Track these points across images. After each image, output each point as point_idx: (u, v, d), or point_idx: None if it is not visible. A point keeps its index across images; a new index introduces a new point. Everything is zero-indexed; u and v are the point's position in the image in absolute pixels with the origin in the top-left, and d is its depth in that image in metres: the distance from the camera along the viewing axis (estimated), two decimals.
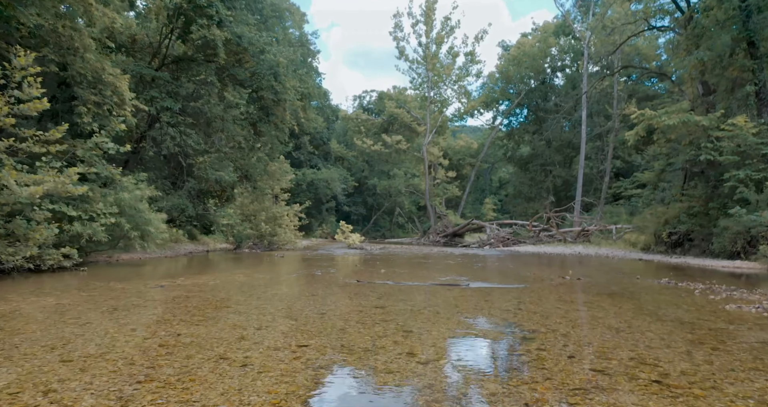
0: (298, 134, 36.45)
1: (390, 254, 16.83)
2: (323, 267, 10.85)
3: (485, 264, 12.76)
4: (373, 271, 9.43)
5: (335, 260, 13.31)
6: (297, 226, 20.94)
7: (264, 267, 10.47)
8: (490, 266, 11.79)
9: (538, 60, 38.75)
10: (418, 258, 14.57)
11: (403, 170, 50.93)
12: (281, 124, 15.88)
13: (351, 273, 8.91)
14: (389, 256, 15.41)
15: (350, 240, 21.67)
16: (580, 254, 18.20)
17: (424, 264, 12.20)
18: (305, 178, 34.48)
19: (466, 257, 15.47)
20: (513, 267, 11.50)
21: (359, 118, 41.78)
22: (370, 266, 11.33)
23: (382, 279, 7.71)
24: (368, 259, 13.81)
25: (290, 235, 19.95)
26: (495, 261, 13.95)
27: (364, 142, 36.77)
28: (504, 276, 8.97)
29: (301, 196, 34.86)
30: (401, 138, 36.09)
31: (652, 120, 13.50)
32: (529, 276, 8.64)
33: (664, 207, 17.10)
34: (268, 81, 13.16)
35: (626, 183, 27.51)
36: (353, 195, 53.08)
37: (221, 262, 12.27)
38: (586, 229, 23.73)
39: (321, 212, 37.94)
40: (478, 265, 11.90)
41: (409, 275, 8.82)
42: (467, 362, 2.97)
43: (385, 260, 13.47)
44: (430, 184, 37.24)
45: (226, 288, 6.51)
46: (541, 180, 39.31)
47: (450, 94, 37.68)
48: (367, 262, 12.69)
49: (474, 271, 10.17)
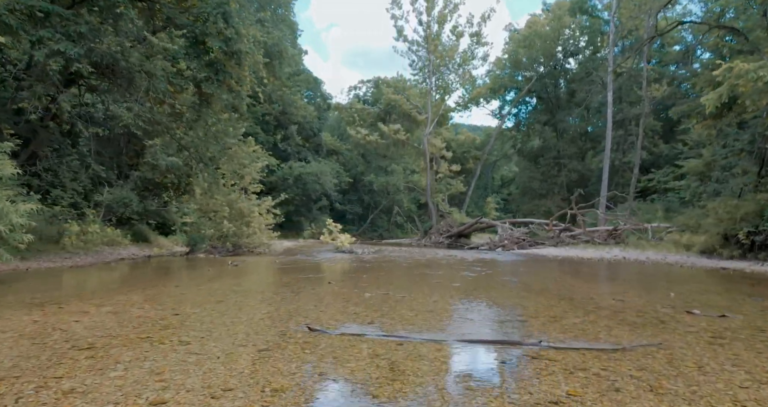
0: (285, 123, 32.84)
1: (385, 260, 13.18)
2: (280, 285, 7.19)
3: (518, 276, 9.10)
4: (352, 295, 5.77)
5: (307, 271, 9.64)
6: (271, 225, 17.26)
7: (190, 286, 6.78)
8: (529, 281, 8.12)
9: (551, 42, 35.12)
10: (420, 265, 10.94)
11: (402, 166, 47.32)
12: (237, 87, 12.18)
13: (312, 302, 5.23)
14: (383, 263, 11.76)
15: (338, 242, 17.98)
16: (626, 259, 14.53)
17: (431, 276, 8.54)
18: (292, 171, 30.80)
19: (482, 263, 11.81)
20: (565, 283, 7.81)
21: (354, 108, 38.08)
22: (352, 281, 7.68)
23: (361, 318, 4.06)
24: (355, 269, 10.15)
25: (261, 236, 16.27)
26: (526, 272, 10.28)
27: (359, 132, 33.05)
28: (576, 305, 5.27)
29: (287, 191, 31.20)
30: (399, 127, 32.37)
31: (745, 77, 9.82)
32: (623, 307, 4.96)
33: (733, 200, 13.46)
34: (215, 23, 9.56)
35: (659, 175, 23.87)
36: (348, 192, 49.36)
37: (143, 275, 8.59)
38: (616, 229, 20.08)
39: (311, 210, 34.25)
40: (512, 281, 8.23)
41: (411, 304, 5.16)
42: None
43: (376, 270, 9.81)
44: (432, 179, 33.58)
45: (72, 335, 2.83)
46: (554, 175, 35.68)
47: (453, 79, 34.00)
48: (352, 274, 9.03)
49: (516, 292, 6.52)
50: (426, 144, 32.20)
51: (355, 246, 20.32)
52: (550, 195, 35.75)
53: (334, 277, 8.35)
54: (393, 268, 10.13)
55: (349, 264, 11.21)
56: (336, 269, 9.98)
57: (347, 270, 9.66)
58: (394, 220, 50.86)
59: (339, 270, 9.72)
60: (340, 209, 48.38)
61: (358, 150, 42.01)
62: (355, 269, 10.01)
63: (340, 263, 11.68)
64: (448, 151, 34.16)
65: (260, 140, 30.80)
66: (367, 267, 10.33)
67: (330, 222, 19.15)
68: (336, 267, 10.40)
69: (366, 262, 12.03)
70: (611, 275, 9.80)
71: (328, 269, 10.07)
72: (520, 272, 9.84)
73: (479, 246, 24.18)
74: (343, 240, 18.10)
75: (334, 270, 9.93)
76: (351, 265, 11.01)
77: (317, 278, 8.10)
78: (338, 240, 18.17)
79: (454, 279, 7.88)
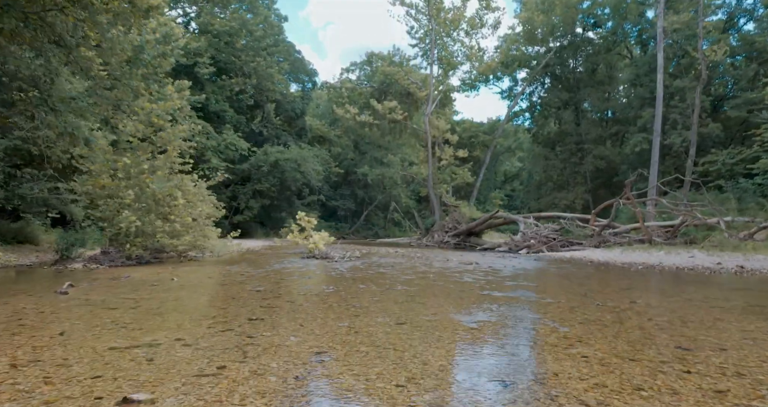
0: (261, 101, 27.79)
1: (370, 270, 8.20)
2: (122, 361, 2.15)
3: (648, 318, 4.07)
4: None
5: (216, 301, 4.68)
6: (212, 219, 12.26)
7: None
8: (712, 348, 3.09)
9: (571, 8, 30.07)
10: (425, 285, 5.98)
11: (399, 156, 42.33)
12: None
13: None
14: (366, 279, 6.80)
15: (311, 244, 12.97)
16: (724, 268, 9.49)
17: (464, 328, 3.51)
18: (268, 158, 25.75)
19: (526, 277, 6.83)
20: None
21: (345, 87, 33.02)
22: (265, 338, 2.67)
23: None
24: (310, 295, 5.16)
25: (197, 235, 11.31)
26: (655, 310, 5.23)
27: (348, 111, 27.97)
28: None
29: (262, 181, 26.21)
30: (396, 104, 27.31)
31: None
32: None
33: None
34: None
35: (724, 155, 18.87)
36: (341, 186, 44.35)
37: None
38: (685, 223, 15.13)
39: (292, 204, 29.22)
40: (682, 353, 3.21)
41: None
42: None
43: (347, 301, 4.81)
44: (434, 167, 28.56)
45: None
46: (576, 162, 30.67)
47: (458, 50, 28.93)
48: (279, 313, 4.03)
49: None
50: (427, 125, 27.18)
51: (336, 248, 15.34)
52: (571, 185, 30.79)
53: (240, 323, 3.41)
54: (377, 296, 5.18)
55: (301, 283, 6.24)
56: (265, 296, 5.02)
57: (295, 305, 4.70)
58: (391, 217, 45.89)
59: (264, 303, 4.76)
60: (332, 205, 43.44)
61: (348, 136, 37.00)
62: (309, 296, 5.04)
63: (287, 281, 6.69)
64: (453, 135, 29.11)
65: (229, 119, 25.83)
66: (336, 291, 5.36)
67: (302, 215, 14.12)
68: (270, 290, 5.44)
69: (339, 278, 7.05)
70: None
71: (262, 299, 5.10)
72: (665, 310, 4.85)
73: (496, 247, 19.23)
74: (316, 240, 13.10)
75: (269, 304, 4.96)
76: (303, 286, 6.05)
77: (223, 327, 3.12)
78: (311, 240, 13.17)
79: (517, 336, 2.91)
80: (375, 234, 42.39)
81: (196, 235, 11.07)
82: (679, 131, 24.11)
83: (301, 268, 8.70)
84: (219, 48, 25.95)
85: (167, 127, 9.94)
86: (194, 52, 23.09)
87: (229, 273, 7.61)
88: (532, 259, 12.76)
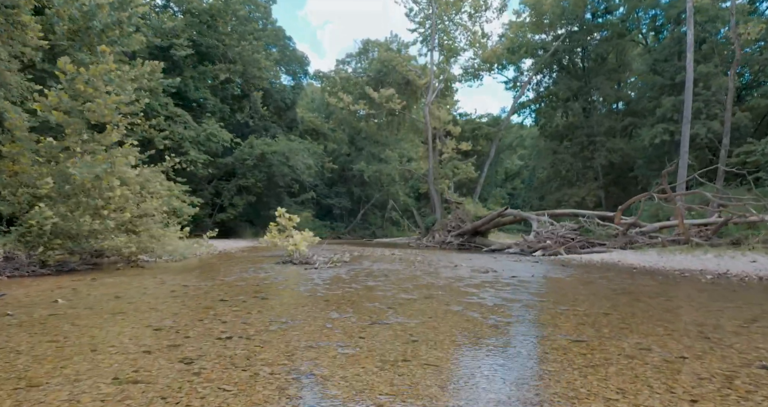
0: (247, 90, 25.59)
1: (355, 285, 6.07)
2: None
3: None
4: None
5: None
6: (165, 213, 10.06)
7: None
8: None
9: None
10: (432, 309, 3.88)
11: (397, 152, 40.15)
12: None
13: None
14: (345, 301, 4.67)
15: (291, 245, 10.78)
16: None
17: None
18: (253, 150, 23.54)
19: (576, 297, 4.67)
20: None
21: (339, 77, 30.80)
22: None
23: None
24: (237, 342, 3.01)
25: (150, 234, 9.16)
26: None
27: (341, 100, 25.73)
28: None
29: (247, 176, 24.02)
30: (393, 92, 25.10)
31: None
32: None
33: None
34: None
35: (763, 145, 16.72)
36: (336, 184, 42.11)
37: None
38: (728, 221, 12.97)
39: (281, 201, 27.00)
40: None
41: None
42: None
43: (293, 358, 2.66)
44: (435, 161, 26.37)
45: None
46: (587, 156, 28.52)
47: (460, 33, 26.72)
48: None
49: None
50: (427, 115, 25.00)
51: (322, 250, 13.18)
52: (582, 181, 28.68)
53: None
54: (351, 340, 3.05)
55: (243, 310, 4.09)
56: (156, 344, 2.89)
57: (162, 359, 2.57)
58: (388, 216, 43.69)
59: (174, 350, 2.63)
60: (325, 203, 41.24)
61: (343, 129, 34.79)
62: (218, 345, 2.90)
63: (223, 308, 4.53)
64: (455, 126, 26.91)
65: (211, 108, 23.62)
66: (273, 335, 3.21)
67: (281, 212, 11.96)
68: (178, 329, 3.31)
69: (305, 298, 4.90)
70: None
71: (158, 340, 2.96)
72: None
73: (506, 249, 17.09)
74: (297, 241, 10.93)
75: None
76: (240, 320, 3.90)
77: None
78: (291, 241, 11.00)
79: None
80: (372, 233, 40.23)
81: (143, 236, 8.87)
82: (703, 121, 22.00)
83: (264, 280, 6.53)
84: (200, 31, 23.73)
85: (100, 97, 7.77)
86: (170, 33, 20.87)
87: (156, 290, 5.43)
88: (555, 264, 10.61)
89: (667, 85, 23.98)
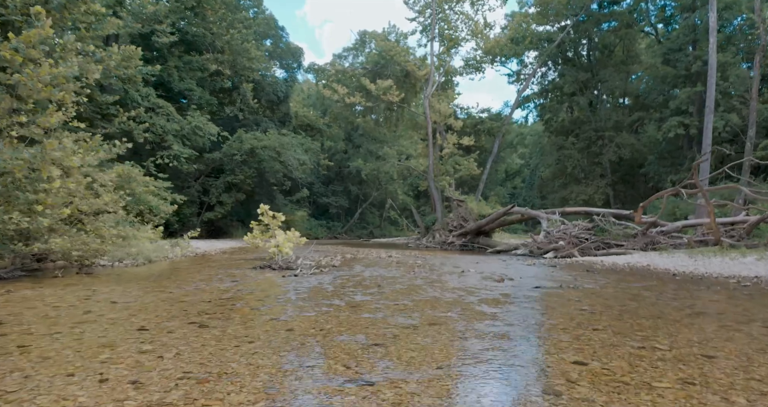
0: (236, 81, 24.18)
1: (338, 300, 4.71)
2: None
3: None
4: None
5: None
6: (127, 211, 8.63)
7: None
8: None
9: None
10: (442, 343, 2.54)
11: (396, 149, 38.85)
12: None
13: None
14: (321, 330, 3.30)
15: (272, 247, 9.38)
16: None
17: None
18: (242, 145, 22.13)
19: (639, 321, 3.30)
20: None
21: (334, 69, 29.38)
22: None
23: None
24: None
25: (105, 233, 7.79)
26: None
27: (335, 91, 24.30)
28: None
29: (236, 173, 22.61)
30: (391, 83, 23.69)
31: None
32: None
33: None
34: None
35: None
36: (333, 182, 40.76)
37: None
38: (766, 219, 11.60)
39: (273, 199, 25.67)
40: None
41: None
42: None
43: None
44: (435, 157, 24.97)
45: None
46: (595, 152, 27.16)
47: (461, 22, 25.31)
48: None
49: None
50: (427, 108, 23.60)
51: (312, 251, 11.79)
52: (590, 178, 27.32)
53: None
54: None
55: (170, 348, 2.72)
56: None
57: None
58: (387, 215, 42.35)
59: None
60: (322, 202, 39.86)
61: (339, 124, 33.40)
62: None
63: (150, 337, 3.15)
64: (457, 120, 25.50)
65: (196, 99, 22.18)
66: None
67: (264, 209, 10.55)
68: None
69: (261, 324, 3.52)
70: None
71: None
72: None
73: (512, 250, 15.72)
74: (280, 242, 9.54)
75: None
76: (164, 365, 2.54)
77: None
78: (271, 243, 9.61)
79: None
80: (370, 233, 38.90)
81: (90, 236, 7.47)
82: (720, 114, 20.66)
83: (225, 293, 5.14)
84: (186, 18, 22.30)
85: (31, 68, 6.37)
86: (151, 18, 19.43)
87: (67, 312, 4.05)
88: (576, 269, 9.22)
89: (682, 75, 22.64)
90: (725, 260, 9.42)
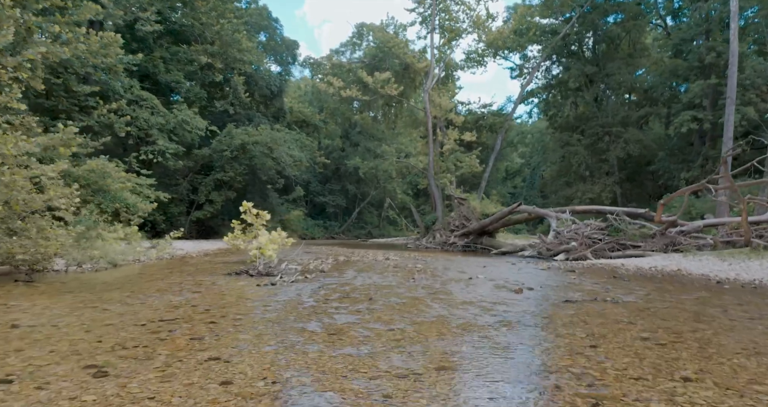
0: (226, 74, 23.02)
1: (317, 320, 3.62)
2: None
3: None
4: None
5: None
6: (69, 208, 7.45)
7: None
8: None
9: None
10: (465, 391, 1.49)
11: (395, 147, 37.72)
12: None
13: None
14: (278, 382, 2.21)
15: (254, 249, 8.26)
16: None
17: None
18: (232, 140, 21.00)
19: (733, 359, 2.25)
20: None
21: (330, 63, 28.26)
22: None
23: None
24: None
25: (47, 235, 6.65)
26: None
27: (331, 85, 23.17)
28: None
29: (225, 170, 21.48)
30: (389, 76, 22.57)
31: None
32: None
33: None
34: None
35: None
36: (330, 181, 39.63)
37: None
38: None
39: (266, 198, 24.53)
40: None
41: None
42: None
43: None
44: (435, 154, 23.87)
45: None
46: (602, 149, 26.05)
47: (463, 13, 24.20)
48: None
49: None
50: (427, 102, 22.50)
51: (302, 253, 10.67)
52: (597, 176, 26.22)
53: None
54: None
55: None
56: None
57: None
58: (385, 215, 41.23)
59: None
60: (319, 201, 38.74)
61: (335, 120, 32.26)
62: None
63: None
64: (458, 115, 24.39)
65: (184, 92, 21.06)
66: None
67: (248, 206, 9.44)
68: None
69: (205, 359, 2.43)
70: None
71: None
72: None
73: (519, 251, 14.61)
74: (263, 243, 8.42)
75: None
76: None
77: None
78: (253, 245, 8.50)
79: None
80: (368, 233, 37.78)
81: (35, 239, 6.35)
82: (737, 107, 19.54)
83: (177, 309, 4.02)
84: (173, 6, 21.18)
85: None
86: (134, 4, 18.29)
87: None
88: (597, 274, 8.11)
89: (695, 67, 21.53)
90: (765, 263, 8.34)
